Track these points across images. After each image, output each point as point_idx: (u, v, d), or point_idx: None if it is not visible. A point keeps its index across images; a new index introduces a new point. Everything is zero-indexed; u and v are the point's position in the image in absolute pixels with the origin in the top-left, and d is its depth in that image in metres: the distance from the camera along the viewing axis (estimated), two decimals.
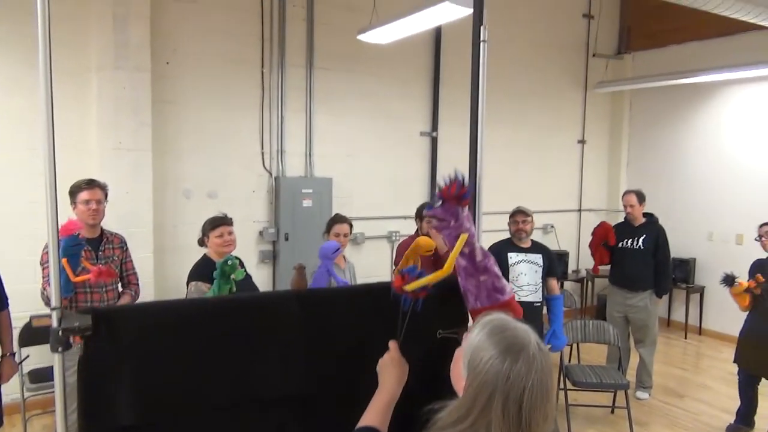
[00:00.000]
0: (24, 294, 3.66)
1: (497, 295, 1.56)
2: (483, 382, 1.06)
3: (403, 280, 1.52)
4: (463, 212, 1.53)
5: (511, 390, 1.04)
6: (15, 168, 4.13)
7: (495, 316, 1.17)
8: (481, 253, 1.58)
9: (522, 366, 1.05)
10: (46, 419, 4.19)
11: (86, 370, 1.28)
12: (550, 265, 4.01)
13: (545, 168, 7.09)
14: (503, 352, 1.07)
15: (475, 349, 1.11)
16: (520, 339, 1.10)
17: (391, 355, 1.50)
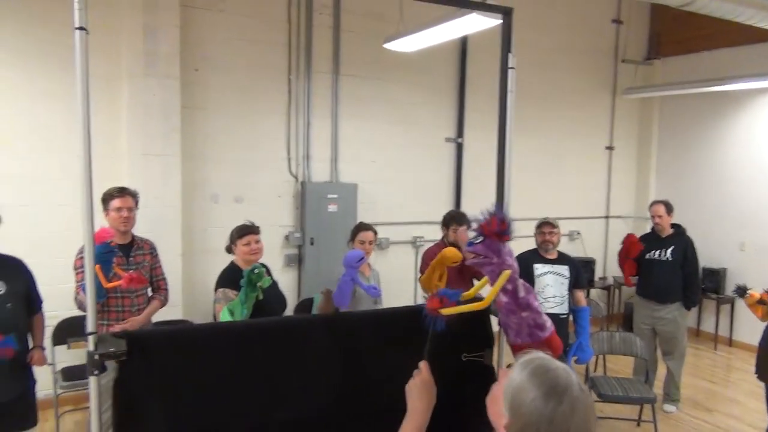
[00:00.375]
0: (56, 294, 3.76)
1: (538, 333, 1.56)
2: (526, 423, 1.07)
3: (441, 304, 1.51)
4: (504, 248, 1.53)
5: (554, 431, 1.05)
6: (47, 171, 4.24)
7: (535, 356, 1.18)
8: (523, 289, 1.58)
9: (566, 408, 1.06)
10: (78, 415, 4.30)
11: (120, 391, 1.31)
12: (576, 277, 3.97)
13: (572, 174, 7.02)
14: (547, 394, 1.07)
15: (516, 389, 1.11)
16: (563, 380, 1.10)
17: (423, 377, 1.48)
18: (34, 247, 4.17)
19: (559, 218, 6.26)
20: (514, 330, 1.57)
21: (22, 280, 3.05)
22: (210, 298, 4.66)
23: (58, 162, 4.26)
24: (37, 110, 4.18)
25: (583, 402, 1.09)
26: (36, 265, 3.37)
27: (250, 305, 2.97)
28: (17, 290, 2.97)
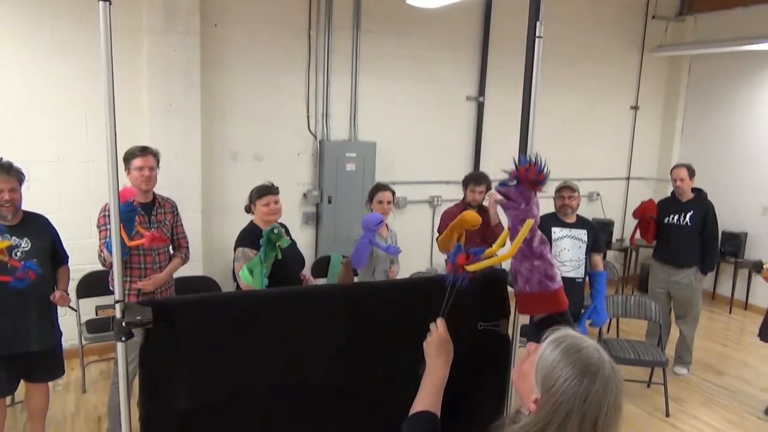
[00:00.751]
0: (80, 248, 3.87)
1: (548, 282, 1.56)
2: (560, 402, 1.08)
3: (467, 260, 1.52)
4: (535, 197, 1.52)
5: (588, 410, 1.07)
6: (69, 127, 4.27)
7: (566, 333, 1.19)
8: (539, 239, 1.58)
9: (599, 387, 1.08)
10: (103, 365, 4.47)
11: (147, 358, 1.36)
12: (594, 241, 3.96)
13: (595, 134, 6.89)
14: (581, 374, 1.09)
15: (549, 368, 1.13)
16: (595, 359, 1.12)
17: (440, 334, 1.50)
18: (59, 202, 4.27)
19: (579, 179, 6.24)
20: (524, 277, 1.57)
21: (47, 237, 3.13)
22: (228, 256, 4.75)
23: (80, 118, 4.29)
24: (57, 65, 4.18)
25: (615, 380, 1.11)
26: (60, 221, 3.45)
27: (269, 264, 3.03)
28: (42, 246, 3.06)
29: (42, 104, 4.18)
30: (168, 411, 1.40)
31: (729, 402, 4.38)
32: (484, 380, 1.83)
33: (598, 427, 1.08)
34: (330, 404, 1.53)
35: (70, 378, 4.10)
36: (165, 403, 1.40)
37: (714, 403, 4.36)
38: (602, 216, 6.95)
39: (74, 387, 4.10)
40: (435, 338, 1.50)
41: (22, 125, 4.14)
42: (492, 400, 1.89)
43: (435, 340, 1.49)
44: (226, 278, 4.73)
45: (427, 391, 1.42)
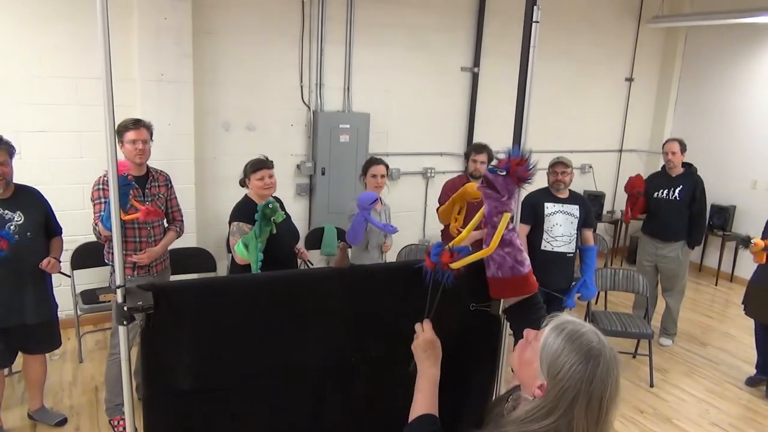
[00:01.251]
0: (74, 219, 3.87)
1: (519, 268, 1.58)
2: (567, 387, 1.14)
3: (452, 258, 1.53)
4: (517, 191, 1.55)
5: (594, 392, 1.13)
6: (60, 97, 4.21)
7: (565, 320, 1.24)
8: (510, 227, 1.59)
9: (603, 369, 1.14)
10: (98, 336, 4.52)
11: (148, 341, 1.39)
12: (586, 216, 4.00)
13: (588, 106, 6.89)
14: (585, 359, 1.15)
15: (554, 355, 1.18)
16: (596, 343, 1.17)
17: (426, 337, 1.52)
18: (51, 173, 4.24)
19: (571, 151, 6.28)
20: (497, 263, 1.60)
21: (41, 210, 3.13)
22: (222, 227, 4.77)
23: (69, 88, 4.22)
24: (44, 34, 4.09)
25: (615, 361, 1.18)
26: (52, 192, 3.44)
27: (264, 239, 3.05)
28: (35, 219, 3.06)
29: (30, 75, 4.10)
30: (169, 393, 1.44)
31: (711, 372, 4.51)
32: (477, 358, 1.88)
33: (603, 406, 1.15)
34: (327, 385, 1.57)
35: (67, 348, 4.14)
36: (167, 386, 1.43)
37: (697, 373, 4.49)
38: (594, 188, 7.00)
39: (71, 357, 4.15)
40: (421, 341, 1.51)
41: (10, 96, 4.07)
42: (483, 378, 1.94)
43: (421, 343, 1.51)
44: (220, 249, 4.76)
45: (423, 394, 1.44)
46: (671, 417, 3.84)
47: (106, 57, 1.35)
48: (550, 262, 3.92)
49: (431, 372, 1.47)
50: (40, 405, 3.41)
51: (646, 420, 3.78)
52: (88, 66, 4.20)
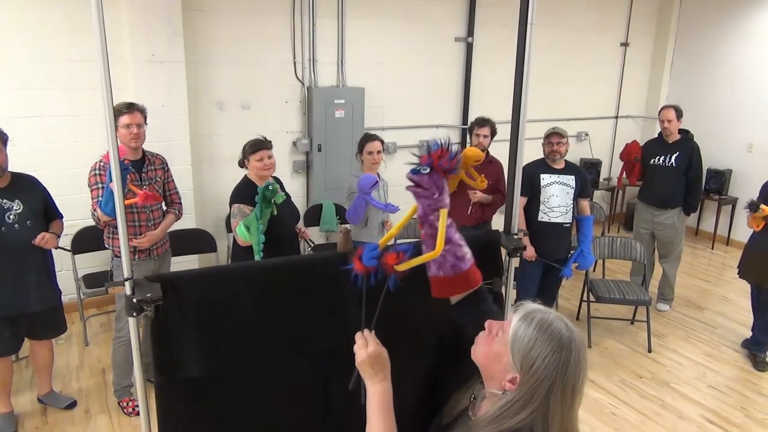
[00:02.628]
0: (72, 204, 3.86)
1: (460, 265, 1.48)
2: (542, 378, 1.13)
3: (398, 259, 1.42)
4: (446, 186, 1.44)
5: (568, 380, 1.13)
6: (51, 80, 4.16)
7: (531, 309, 1.21)
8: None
9: (575, 357, 1.14)
10: (102, 318, 4.56)
11: (157, 331, 1.41)
12: (582, 186, 4.02)
13: (583, 72, 6.84)
14: (558, 349, 1.14)
15: (527, 348, 1.15)
16: (565, 331, 1.16)
17: (371, 351, 1.34)
18: (45, 159, 4.22)
19: (567, 119, 6.26)
20: (437, 263, 1.48)
21: (39, 197, 3.12)
22: (220, 207, 4.78)
23: (61, 71, 4.17)
24: (34, 17, 4.02)
25: (584, 346, 1.18)
26: (49, 177, 3.44)
27: (265, 221, 3.06)
28: (34, 207, 3.06)
29: (20, 59, 4.05)
30: (181, 381, 1.46)
31: (708, 336, 4.59)
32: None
33: (576, 392, 1.15)
34: (333, 368, 1.60)
35: (72, 331, 4.18)
36: (178, 374, 1.46)
37: (694, 337, 4.57)
38: (590, 156, 7.00)
39: (76, 340, 4.20)
40: (367, 357, 1.33)
41: (3, 82, 4.02)
42: None
43: (367, 360, 1.33)
44: (220, 229, 4.77)
45: (379, 416, 1.30)
46: (669, 381, 3.92)
47: (102, 39, 1.33)
48: (547, 232, 3.95)
49: (382, 388, 1.33)
50: (49, 389, 3.46)
51: (645, 385, 3.86)
52: (79, 48, 4.15)
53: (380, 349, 1.36)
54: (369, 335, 1.39)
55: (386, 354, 1.37)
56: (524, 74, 1.75)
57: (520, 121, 1.78)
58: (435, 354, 1.77)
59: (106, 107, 1.35)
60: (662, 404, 3.65)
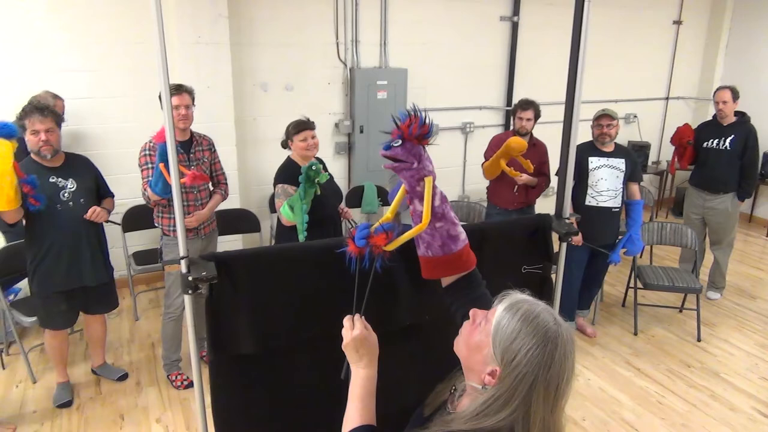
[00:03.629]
0: (121, 184, 3.97)
1: (451, 245, 1.42)
2: (524, 373, 1.04)
3: (387, 239, 1.38)
4: (425, 153, 1.38)
5: (552, 377, 1.05)
6: (103, 63, 4.26)
7: (517, 299, 1.13)
8: (439, 197, 1.43)
9: (560, 353, 1.06)
10: (151, 295, 4.70)
11: (212, 308, 1.44)
12: (632, 170, 3.90)
13: (634, 52, 6.60)
14: (543, 343, 1.05)
15: (509, 340, 1.07)
16: (552, 324, 1.08)
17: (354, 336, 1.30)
18: (98, 139, 4.34)
19: (615, 100, 6.08)
20: (425, 241, 1.42)
21: (91, 176, 3.22)
22: (264, 187, 4.84)
23: (112, 52, 4.26)
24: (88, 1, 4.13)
25: (571, 342, 1.09)
26: (101, 157, 3.54)
27: (308, 201, 3.08)
28: (87, 185, 3.15)
29: (74, 41, 4.15)
30: (233, 357, 1.50)
31: (762, 326, 4.43)
32: None
33: (560, 390, 1.07)
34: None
35: (123, 307, 4.32)
36: (230, 350, 1.49)
37: (746, 327, 4.42)
38: (639, 139, 6.79)
39: (127, 315, 4.34)
40: (351, 340, 1.30)
41: (59, 64, 4.14)
42: None
43: (351, 342, 1.30)
44: (263, 210, 4.84)
45: (357, 401, 1.25)
46: (719, 371, 3.81)
47: (159, 23, 1.36)
48: (594, 217, 3.86)
49: (365, 374, 1.29)
50: (102, 361, 3.60)
51: (693, 374, 3.76)
52: (130, 30, 4.22)
53: (367, 333, 1.32)
54: (357, 319, 1.35)
55: (374, 340, 1.33)
56: (579, 53, 1.70)
57: (574, 103, 1.73)
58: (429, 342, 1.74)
59: (164, 89, 1.37)
60: (711, 395, 3.55)
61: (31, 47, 4.05)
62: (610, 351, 4.03)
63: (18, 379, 3.55)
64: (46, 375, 3.56)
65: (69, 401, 3.32)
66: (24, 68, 4.06)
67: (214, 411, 1.57)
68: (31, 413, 3.24)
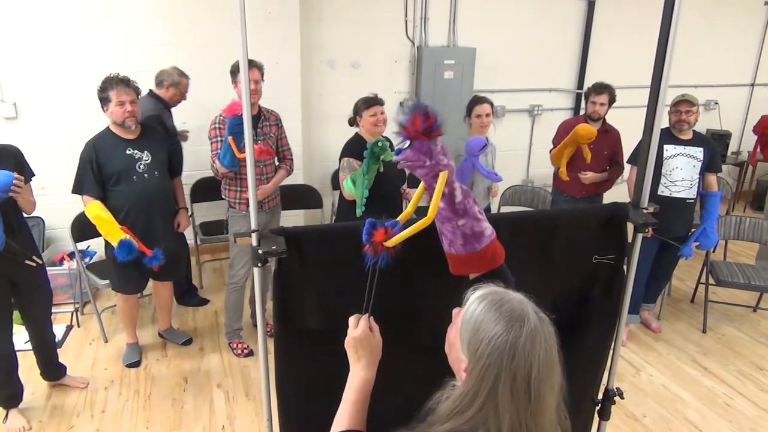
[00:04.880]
0: (189, 155, 4.08)
1: (474, 244, 1.35)
2: (487, 365, 0.97)
3: (386, 235, 1.34)
4: (437, 146, 1.31)
5: (517, 369, 0.97)
6: (174, 37, 4.35)
7: (488, 290, 1.07)
8: (461, 192, 1.36)
9: (525, 341, 0.97)
10: (215, 264, 4.85)
11: (279, 283, 1.46)
12: (711, 159, 3.70)
13: (718, 35, 6.21)
14: (505, 330, 0.98)
15: (474, 329, 1.01)
16: (518, 311, 1.01)
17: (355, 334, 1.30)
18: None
19: (695, 86, 5.76)
20: (448, 239, 1.37)
21: (165, 148, 3.31)
22: (327, 164, 4.88)
23: (182, 27, 4.34)
24: None
25: (543, 332, 1.00)
26: None
27: (371, 177, 3.07)
28: (160, 158, 3.24)
29: (142, 15, 4.26)
30: (299, 330, 1.52)
31: None
32: (597, 313, 1.83)
33: (532, 385, 0.97)
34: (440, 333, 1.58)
35: None
36: (296, 324, 1.51)
37: None
38: (719, 127, 6.42)
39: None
40: (350, 340, 1.29)
41: (130, 37, 4.26)
42: (602, 333, 1.90)
43: (351, 341, 1.29)
44: (325, 186, 4.88)
45: (348, 404, 1.22)
46: None
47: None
48: (667, 208, 3.64)
49: (363, 376, 1.26)
50: (168, 325, 3.76)
51: (766, 377, 3.57)
52: (199, 6, 4.30)
53: (368, 335, 1.29)
54: (363, 319, 1.32)
55: (376, 343, 1.30)
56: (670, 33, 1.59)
57: (661, 86, 1.63)
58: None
59: (243, 64, 1.38)
60: None
61: (108, 22, 4.18)
62: (676, 348, 3.87)
63: (91, 338, 3.76)
64: (117, 335, 3.75)
65: (137, 361, 3.49)
66: (103, 42, 4.19)
67: (277, 382, 1.61)
68: (102, 371, 3.43)
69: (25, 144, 2.92)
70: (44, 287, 2.98)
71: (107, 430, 2.94)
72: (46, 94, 4.14)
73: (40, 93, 4.12)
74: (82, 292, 4.01)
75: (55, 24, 4.04)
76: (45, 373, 3.20)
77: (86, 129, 3.26)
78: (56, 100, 4.17)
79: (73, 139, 3.49)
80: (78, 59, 4.14)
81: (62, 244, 4.29)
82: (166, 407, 3.13)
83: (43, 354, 3.13)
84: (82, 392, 3.23)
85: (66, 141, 4.08)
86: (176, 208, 3.44)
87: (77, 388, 3.25)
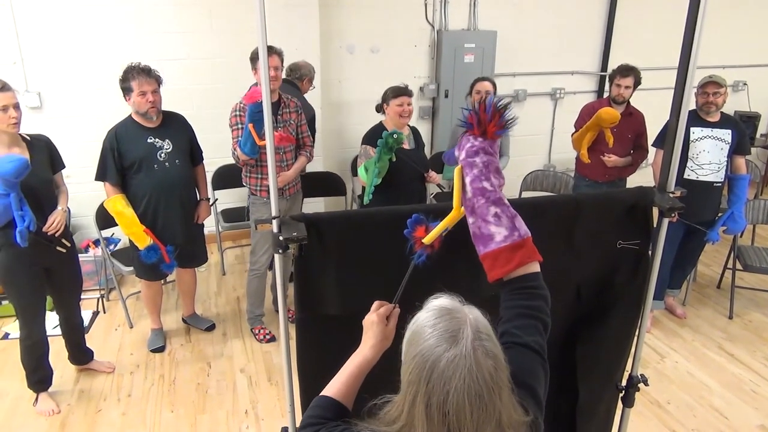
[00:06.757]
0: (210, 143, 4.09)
1: (479, 245, 1.27)
2: (409, 380, 0.92)
3: (426, 232, 1.33)
4: (496, 144, 1.29)
5: (432, 394, 0.88)
6: (193, 26, 4.36)
7: (442, 301, 0.99)
8: (470, 190, 1.28)
9: (446, 367, 0.88)
10: (237, 251, 4.90)
11: (300, 269, 1.46)
12: (740, 142, 3.60)
13: (746, 12, 6.01)
14: (430, 348, 0.91)
15: (409, 339, 0.97)
16: (451, 332, 0.91)
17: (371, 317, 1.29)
18: (189, 100, 4.48)
19: (723, 66, 5.61)
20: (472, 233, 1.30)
21: (186, 136, 3.33)
22: (347, 150, 4.87)
23: (203, 15, 4.35)
24: None
25: (473, 362, 0.88)
26: (192, 118, 3.64)
27: (382, 166, 3.08)
28: (182, 147, 3.26)
29: (164, 3, 4.26)
30: (319, 316, 1.52)
31: None
32: (622, 296, 1.80)
33: (448, 416, 0.88)
34: None
35: (211, 261, 4.52)
36: (317, 310, 1.51)
37: None
38: (747, 108, 6.26)
39: (214, 270, 4.55)
40: (366, 318, 1.29)
41: (151, 26, 4.28)
42: (626, 319, 1.87)
43: (366, 321, 1.29)
44: (345, 173, 4.87)
45: (341, 377, 1.21)
46: None
47: None
48: (693, 191, 3.56)
49: (365, 353, 1.24)
50: (192, 311, 3.81)
51: None
52: None
53: (380, 319, 1.27)
54: (386, 306, 1.30)
55: (388, 330, 1.27)
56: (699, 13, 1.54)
57: (689, 68, 1.59)
58: None
59: (262, 51, 1.37)
60: None
61: (130, 11, 4.20)
62: (701, 334, 3.82)
63: (117, 323, 3.83)
64: (142, 321, 3.81)
65: (162, 347, 3.55)
66: (125, 30, 4.22)
67: (299, 367, 1.61)
68: (128, 356, 3.49)
69: (50, 133, 2.96)
70: (76, 273, 3.05)
71: (133, 414, 3.00)
72: (70, 83, 4.19)
73: (64, 83, 4.18)
74: (107, 279, 4.08)
75: (78, 14, 4.08)
76: (73, 357, 3.27)
77: (110, 118, 3.30)
78: (80, 90, 4.22)
79: (97, 127, 3.53)
80: (101, 48, 4.18)
81: (87, 231, 4.36)
82: (190, 391, 3.18)
83: (72, 339, 3.20)
84: (109, 376, 3.29)
85: (90, 130, 4.13)
86: (198, 199, 3.46)
87: (104, 372, 3.32)
